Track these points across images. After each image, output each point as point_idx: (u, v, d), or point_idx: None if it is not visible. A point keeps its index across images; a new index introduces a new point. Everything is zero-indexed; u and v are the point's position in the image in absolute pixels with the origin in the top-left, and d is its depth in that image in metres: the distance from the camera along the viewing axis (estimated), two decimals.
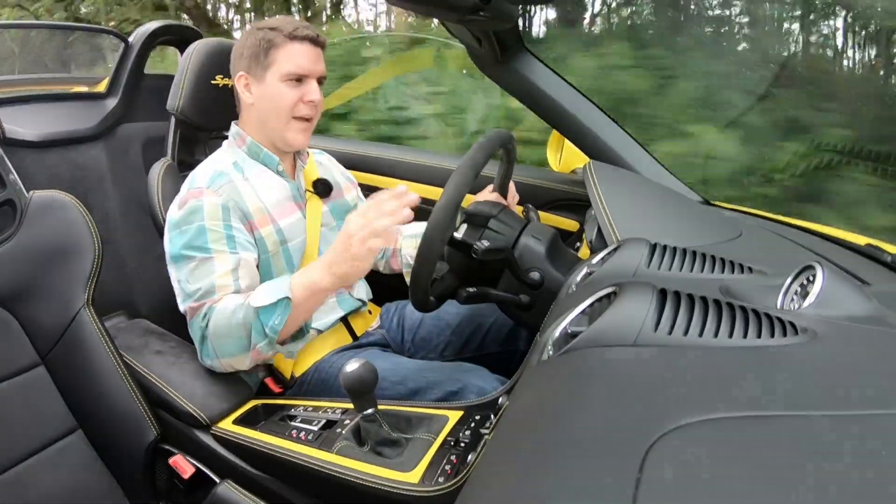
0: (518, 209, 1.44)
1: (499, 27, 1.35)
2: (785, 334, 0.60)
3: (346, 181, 1.69)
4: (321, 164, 1.65)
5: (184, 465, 1.24)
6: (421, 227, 1.66)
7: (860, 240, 1.29)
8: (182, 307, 1.32)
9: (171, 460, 1.25)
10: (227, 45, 1.63)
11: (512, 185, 1.53)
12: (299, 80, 1.38)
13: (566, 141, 1.76)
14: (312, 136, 1.47)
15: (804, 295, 0.74)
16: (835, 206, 2.71)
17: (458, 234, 1.23)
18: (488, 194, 1.53)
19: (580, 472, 0.44)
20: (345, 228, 1.16)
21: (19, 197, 1.25)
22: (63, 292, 1.26)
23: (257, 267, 1.37)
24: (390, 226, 1.13)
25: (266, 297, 1.21)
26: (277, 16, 1.41)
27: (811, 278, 0.75)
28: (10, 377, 1.21)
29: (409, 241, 1.68)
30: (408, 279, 1.33)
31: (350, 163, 1.84)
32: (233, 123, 1.48)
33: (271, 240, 1.39)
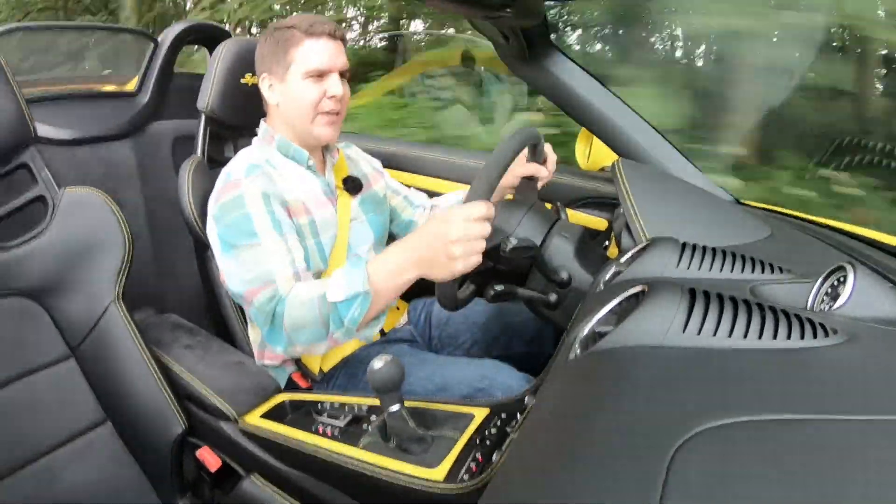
0: (548, 205, 1.42)
1: (526, 24, 1.34)
2: (815, 336, 0.59)
3: (373, 171, 1.68)
4: (349, 157, 1.64)
5: (211, 459, 1.25)
6: (454, 197, 1.67)
7: (892, 240, 1.27)
8: (237, 290, 1.30)
9: (198, 453, 1.26)
10: (255, 43, 1.65)
11: (549, 148, 1.49)
12: (321, 75, 1.37)
13: (595, 138, 1.74)
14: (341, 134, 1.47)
15: (835, 296, 0.73)
16: None
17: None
18: (524, 163, 1.49)
19: (606, 473, 0.44)
20: (447, 232, 1.11)
21: (51, 193, 1.27)
22: (93, 287, 1.28)
23: None
24: (481, 249, 1.12)
25: (343, 291, 1.18)
26: (295, 14, 1.40)
27: (842, 279, 0.74)
28: (40, 369, 1.23)
29: (439, 211, 1.69)
30: None
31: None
32: (262, 121, 1.49)
33: (306, 230, 1.39)
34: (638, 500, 0.40)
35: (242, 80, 1.61)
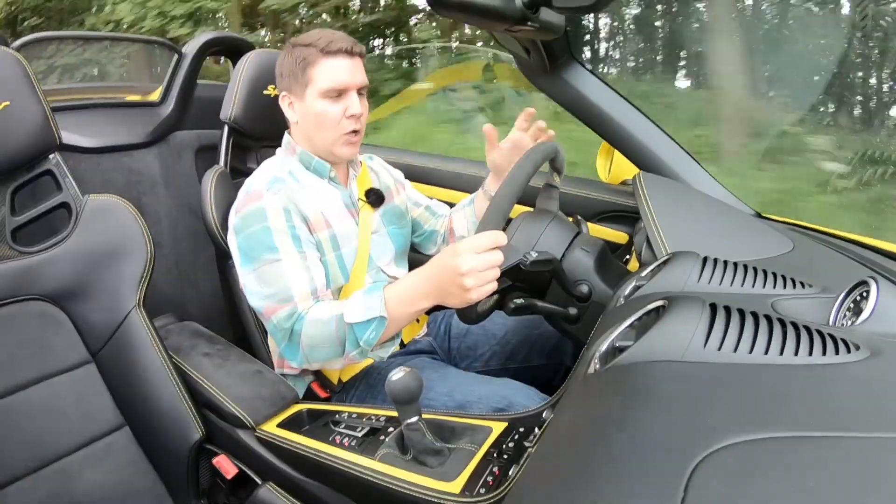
0: (568, 219, 1.42)
1: (546, 37, 1.34)
2: (837, 352, 0.59)
3: (395, 183, 1.69)
4: (372, 169, 1.65)
5: (227, 466, 1.25)
6: (473, 202, 1.67)
7: None
8: (256, 305, 1.34)
9: (214, 460, 1.27)
10: (278, 56, 1.67)
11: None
12: (339, 94, 1.38)
13: (616, 152, 1.74)
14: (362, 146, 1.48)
15: (858, 311, 0.72)
16: None
17: None
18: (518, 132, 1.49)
19: (624, 489, 0.44)
20: (457, 264, 1.10)
21: (75, 200, 1.29)
22: (115, 293, 1.29)
23: None
24: (493, 281, 1.11)
25: (360, 313, 1.21)
26: (314, 30, 1.41)
27: (865, 294, 0.73)
28: (61, 373, 1.24)
29: (459, 215, 1.70)
30: None
31: None
32: (286, 133, 1.51)
33: (327, 245, 1.40)
34: None
35: (265, 92, 1.62)
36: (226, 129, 1.68)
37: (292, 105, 1.43)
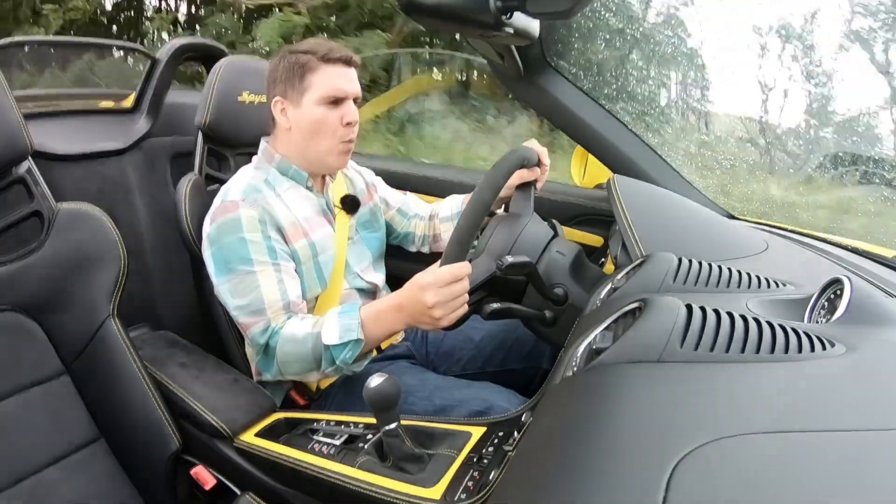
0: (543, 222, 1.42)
1: (521, 43, 1.35)
2: (813, 349, 0.60)
3: (368, 186, 1.69)
4: (346, 175, 1.65)
5: (205, 477, 1.24)
6: (454, 206, 1.67)
7: (887, 252, 1.28)
8: (234, 316, 1.34)
9: (192, 471, 1.25)
10: (254, 62, 1.66)
11: (544, 152, 1.47)
12: (336, 102, 1.37)
13: (590, 156, 1.76)
14: None
15: (832, 309, 0.73)
16: None
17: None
18: (515, 179, 1.46)
19: (604, 490, 0.44)
20: (421, 295, 1.15)
21: (47, 209, 1.27)
22: (89, 303, 1.27)
23: None
24: (462, 308, 1.16)
25: (336, 335, 1.23)
26: (309, 39, 1.41)
27: (839, 292, 0.74)
28: (34, 385, 1.22)
29: (446, 224, 1.70)
30: None
31: None
32: (262, 140, 1.49)
33: (304, 253, 1.40)
34: None
35: (240, 98, 1.61)
36: (200, 135, 1.67)
37: (285, 111, 1.41)
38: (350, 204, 1.54)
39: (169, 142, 2.20)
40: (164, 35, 9.58)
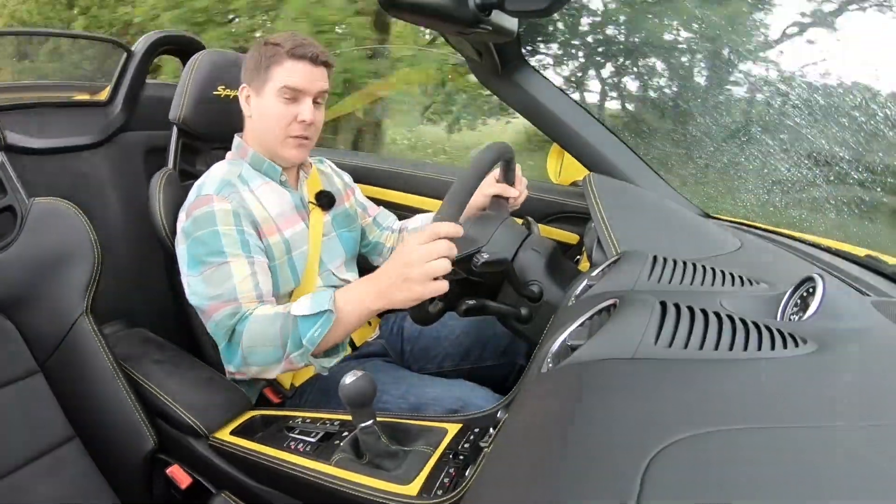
0: (518, 221, 1.43)
1: (499, 40, 1.35)
2: (785, 346, 0.60)
3: (345, 187, 1.70)
4: (323, 172, 1.65)
5: (181, 476, 1.23)
6: (424, 220, 1.67)
7: (859, 251, 1.29)
8: (198, 304, 1.30)
9: (168, 470, 1.24)
10: (230, 56, 1.64)
11: (519, 173, 1.51)
12: (294, 97, 1.38)
13: (566, 154, 1.76)
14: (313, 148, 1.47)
15: (805, 307, 0.74)
16: None
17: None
18: (493, 183, 1.51)
19: (580, 486, 0.44)
20: (402, 256, 1.12)
21: (20, 204, 1.25)
22: (62, 300, 1.26)
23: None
24: (443, 272, 1.10)
25: (308, 307, 1.19)
26: (286, 31, 1.40)
27: (811, 290, 0.75)
28: (7, 384, 1.21)
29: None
30: None
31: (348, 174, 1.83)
32: (236, 136, 1.49)
33: (278, 248, 1.39)
34: None
35: (216, 92, 1.60)
36: (175, 130, 1.65)
37: (249, 99, 1.42)
38: (325, 200, 1.54)
39: (144, 136, 2.18)
40: None
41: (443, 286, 1.10)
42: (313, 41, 1.39)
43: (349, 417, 1.02)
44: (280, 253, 1.40)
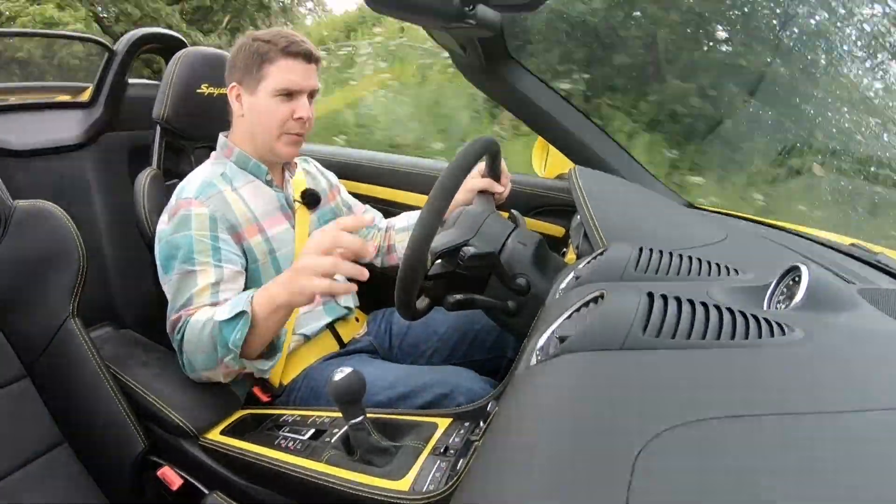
0: (504, 214, 1.43)
1: (483, 34, 1.35)
2: (772, 335, 0.60)
3: (330, 187, 1.70)
4: (308, 172, 1.65)
5: (172, 477, 1.23)
6: (410, 218, 1.66)
7: (844, 240, 1.31)
8: (168, 313, 1.32)
9: (159, 472, 1.24)
10: (214, 54, 1.63)
11: (505, 167, 1.52)
12: (290, 95, 1.37)
13: (551, 147, 1.76)
14: None
15: (790, 296, 0.75)
16: None
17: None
18: (478, 178, 1.52)
19: (571, 477, 0.44)
20: (307, 244, 1.15)
21: (3, 206, 1.24)
22: (48, 303, 1.25)
23: (247, 278, 1.37)
24: (331, 270, 1.10)
25: (227, 310, 1.19)
26: (273, 27, 1.40)
27: (797, 279, 0.76)
28: None
29: (401, 234, 1.69)
30: None
31: (333, 169, 1.83)
32: (220, 135, 1.49)
33: (260, 249, 1.39)
34: (603, 502, 0.40)
35: (199, 91, 1.59)
36: (158, 129, 1.64)
37: (240, 98, 1.41)
38: (310, 198, 1.54)
39: (128, 136, 2.16)
40: None
41: (334, 287, 1.11)
42: (303, 37, 1.39)
43: (339, 414, 1.02)
44: (262, 253, 1.40)
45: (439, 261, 1.20)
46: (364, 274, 1.10)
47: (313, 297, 1.15)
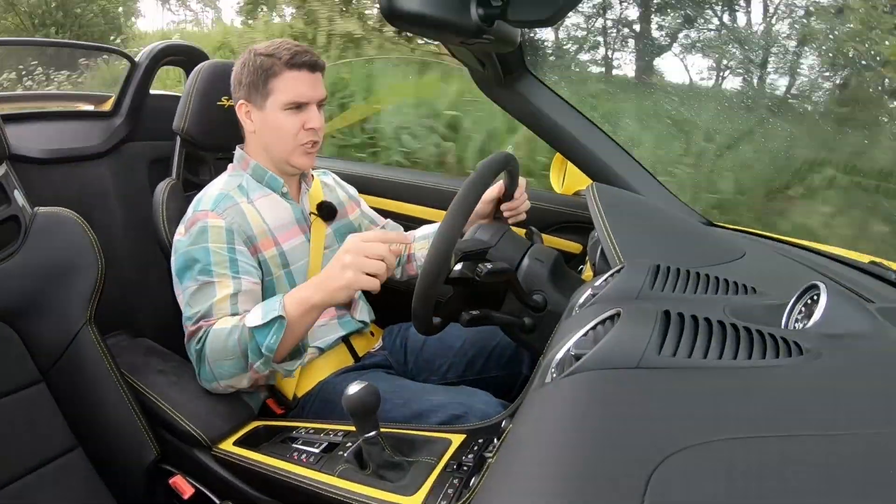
0: (521, 231, 1.43)
1: (501, 50, 1.35)
2: (790, 355, 0.60)
3: (349, 200, 1.69)
4: (326, 184, 1.65)
5: (183, 486, 1.23)
6: (430, 228, 1.67)
7: (863, 258, 1.29)
8: (184, 323, 1.33)
9: (171, 481, 1.24)
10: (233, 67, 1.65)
11: (522, 182, 1.53)
12: (299, 107, 1.38)
13: (569, 163, 1.76)
14: (318, 158, 1.48)
15: (809, 314, 0.74)
16: None
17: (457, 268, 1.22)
18: (495, 192, 1.54)
19: (583, 497, 0.44)
20: (343, 247, 1.17)
21: (24, 213, 1.25)
22: (65, 309, 1.26)
23: (263, 290, 1.38)
24: (375, 272, 1.15)
25: (260, 316, 1.20)
26: (275, 39, 1.41)
27: (815, 298, 0.75)
28: (10, 393, 1.20)
29: (421, 242, 1.68)
30: None
31: (353, 185, 1.83)
32: (237, 147, 1.50)
33: (274, 262, 1.40)
34: None
35: (219, 103, 1.60)
36: (178, 140, 1.66)
37: (250, 114, 1.42)
38: (326, 211, 1.54)
39: (149, 146, 2.18)
40: None
41: (373, 283, 1.15)
42: (306, 46, 1.40)
43: (353, 428, 1.02)
44: (276, 266, 1.41)
45: (461, 264, 1.20)
46: (376, 286, 1.14)
47: (353, 294, 1.19)
